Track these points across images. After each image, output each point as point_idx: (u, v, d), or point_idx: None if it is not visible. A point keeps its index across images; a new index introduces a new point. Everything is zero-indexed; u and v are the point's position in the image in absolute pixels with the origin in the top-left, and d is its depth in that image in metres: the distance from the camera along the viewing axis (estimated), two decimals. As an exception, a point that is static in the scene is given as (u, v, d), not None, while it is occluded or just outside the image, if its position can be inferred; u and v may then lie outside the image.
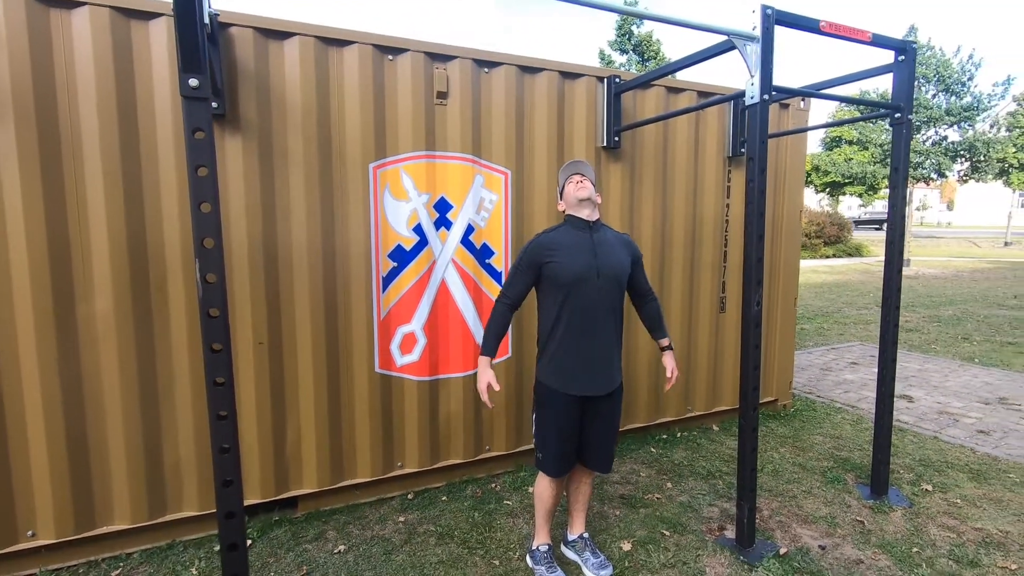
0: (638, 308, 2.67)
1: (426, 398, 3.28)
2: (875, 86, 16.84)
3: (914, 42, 3.09)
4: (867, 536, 2.89)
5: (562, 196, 2.47)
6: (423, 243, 3.18)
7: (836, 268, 16.76)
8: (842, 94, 3.31)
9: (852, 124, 17.51)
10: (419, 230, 3.16)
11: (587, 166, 2.47)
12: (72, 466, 2.57)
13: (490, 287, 3.38)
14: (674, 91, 3.90)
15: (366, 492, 3.23)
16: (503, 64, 3.28)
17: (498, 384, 2.35)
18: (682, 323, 4.09)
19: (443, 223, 3.22)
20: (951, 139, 16.62)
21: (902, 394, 5.13)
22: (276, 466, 2.97)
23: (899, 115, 3.07)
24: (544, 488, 2.50)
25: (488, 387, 2.34)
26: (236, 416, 1.92)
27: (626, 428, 3.97)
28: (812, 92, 3.20)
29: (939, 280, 14.09)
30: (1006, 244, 25.14)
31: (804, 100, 4.42)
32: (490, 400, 2.37)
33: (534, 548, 2.60)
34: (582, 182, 2.38)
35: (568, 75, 3.50)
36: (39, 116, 2.38)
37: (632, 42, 17.25)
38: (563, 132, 3.52)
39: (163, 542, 2.80)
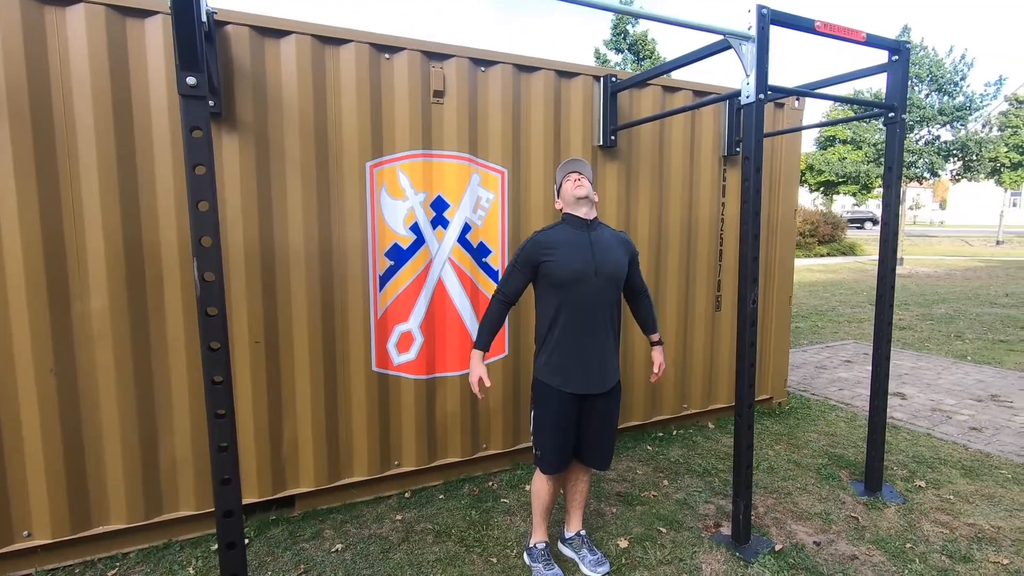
0: (631, 305, 2.68)
1: (423, 397, 3.29)
2: (868, 86, 16.94)
3: (907, 42, 3.11)
4: (861, 532, 2.91)
5: (559, 194, 2.48)
6: (420, 242, 3.18)
7: (830, 267, 16.85)
8: (836, 94, 3.33)
9: (846, 123, 17.61)
10: (416, 229, 3.16)
11: (585, 164, 2.47)
12: (68, 466, 2.56)
13: (487, 286, 3.39)
14: (670, 90, 3.91)
15: (363, 491, 3.23)
16: (499, 63, 3.28)
17: (490, 380, 2.38)
18: (678, 321, 4.11)
19: (440, 222, 3.22)
20: (944, 139, 16.74)
21: (895, 392, 5.16)
22: (273, 465, 2.97)
23: (893, 115, 3.09)
24: (542, 486, 2.51)
25: (480, 381, 2.37)
26: (234, 414, 1.92)
27: (623, 426, 3.99)
28: (807, 92, 3.22)
29: (932, 278, 14.18)
30: (998, 243, 25.32)
31: (799, 99, 4.44)
32: (481, 392, 2.41)
33: (531, 546, 2.61)
34: (580, 180, 2.39)
35: (564, 74, 3.50)
36: (34, 115, 2.37)
37: (627, 41, 17.28)
38: (559, 131, 3.53)
39: (159, 542, 2.80)
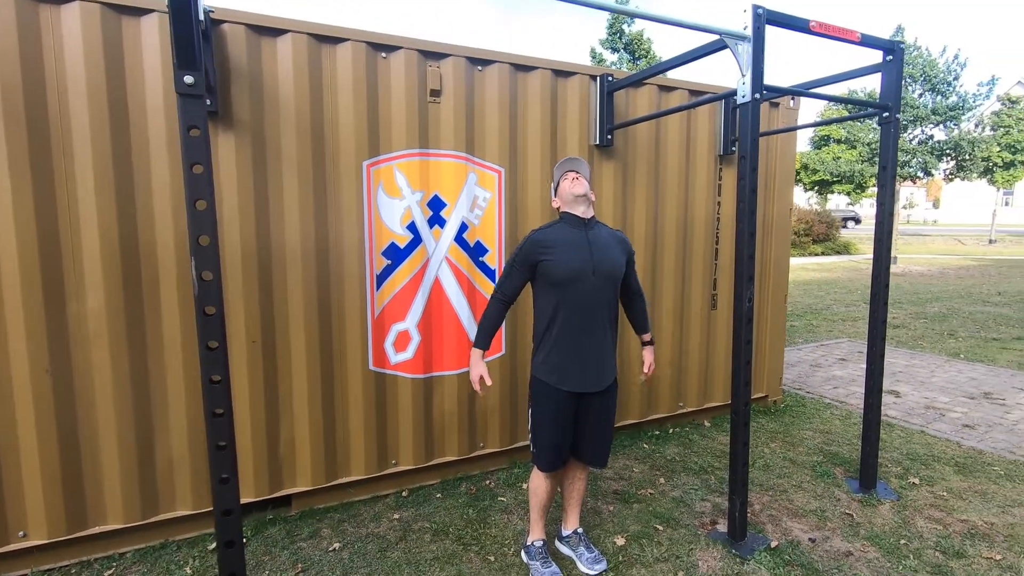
0: (625, 305, 2.69)
1: (420, 396, 3.29)
2: (863, 85, 16.99)
3: (902, 42, 3.13)
4: (856, 529, 2.93)
5: (556, 193, 2.48)
6: (417, 241, 3.18)
7: (825, 265, 16.92)
8: (831, 93, 3.35)
9: (841, 123, 17.68)
10: (413, 228, 3.17)
11: (583, 163, 2.48)
12: (64, 466, 2.55)
13: (484, 285, 3.39)
14: (666, 90, 3.92)
15: (360, 490, 3.23)
16: (496, 63, 3.28)
17: (491, 378, 2.39)
18: (674, 320, 4.13)
19: (437, 221, 3.23)
20: (937, 138, 16.81)
21: (890, 389, 5.20)
22: (270, 465, 2.96)
23: (887, 114, 3.11)
24: (539, 484, 2.51)
25: (480, 379, 2.40)
26: (232, 413, 1.92)
27: (619, 424, 4.00)
28: (802, 91, 3.23)
29: (925, 277, 14.28)
30: (991, 242, 25.52)
31: (794, 99, 4.46)
32: (482, 390, 2.44)
33: (529, 544, 2.62)
34: (577, 179, 2.40)
35: (561, 73, 3.51)
36: (29, 114, 2.36)
37: (623, 41, 17.28)
38: (556, 130, 3.54)
39: (156, 541, 2.79)
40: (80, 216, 2.48)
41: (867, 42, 2.94)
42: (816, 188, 20.02)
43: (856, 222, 33.80)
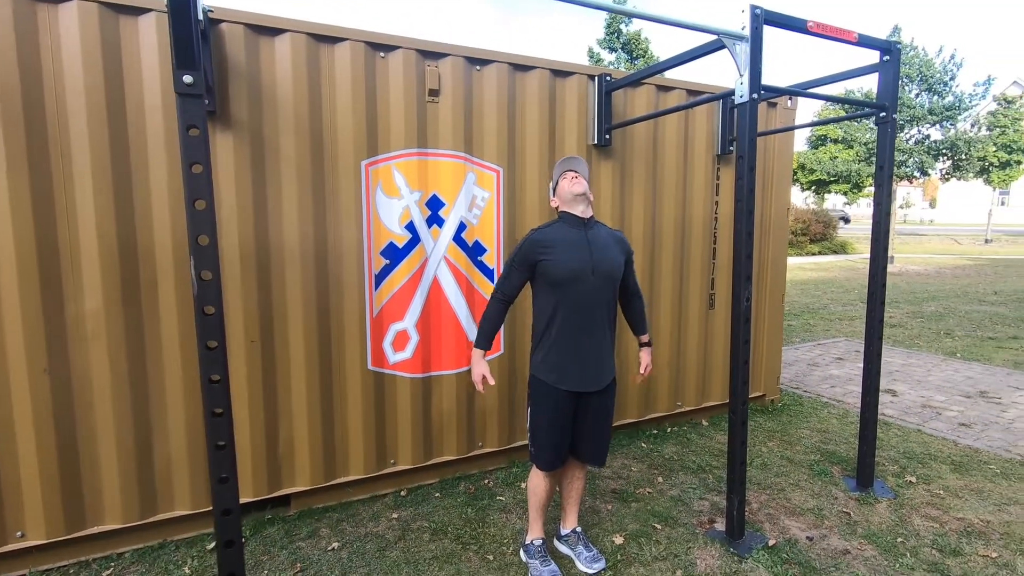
0: (623, 306, 2.69)
1: (419, 395, 3.29)
2: (859, 85, 17.02)
3: (898, 42, 3.15)
4: (853, 527, 2.95)
5: (555, 192, 2.48)
6: (415, 240, 3.18)
7: (822, 265, 16.97)
8: (828, 93, 3.36)
9: (838, 123, 17.72)
10: (411, 227, 3.17)
11: (582, 163, 2.48)
12: (62, 466, 2.55)
13: (482, 284, 3.40)
14: (664, 89, 3.93)
15: (359, 489, 3.23)
16: (494, 62, 3.28)
17: (492, 378, 2.40)
18: (672, 320, 4.14)
19: (435, 220, 3.23)
20: (933, 138, 16.86)
21: (887, 388, 5.22)
22: (269, 464, 2.96)
23: (884, 114, 3.12)
24: (538, 483, 2.52)
25: (483, 378, 2.41)
26: (231, 413, 1.92)
27: (617, 424, 4.00)
28: (799, 91, 3.25)
29: (922, 277, 14.32)
30: (987, 241, 25.61)
31: (791, 99, 4.48)
32: (484, 389, 2.45)
33: (528, 543, 2.63)
34: (576, 178, 2.40)
35: (559, 73, 3.51)
36: (26, 114, 2.35)
37: (621, 40, 17.30)
38: (554, 130, 3.54)
39: (155, 541, 2.79)
40: (78, 216, 2.47)
41: (864, 42, 2.95)
42: (813, 188, 20.05)
43: (845, 222, 34.07)
